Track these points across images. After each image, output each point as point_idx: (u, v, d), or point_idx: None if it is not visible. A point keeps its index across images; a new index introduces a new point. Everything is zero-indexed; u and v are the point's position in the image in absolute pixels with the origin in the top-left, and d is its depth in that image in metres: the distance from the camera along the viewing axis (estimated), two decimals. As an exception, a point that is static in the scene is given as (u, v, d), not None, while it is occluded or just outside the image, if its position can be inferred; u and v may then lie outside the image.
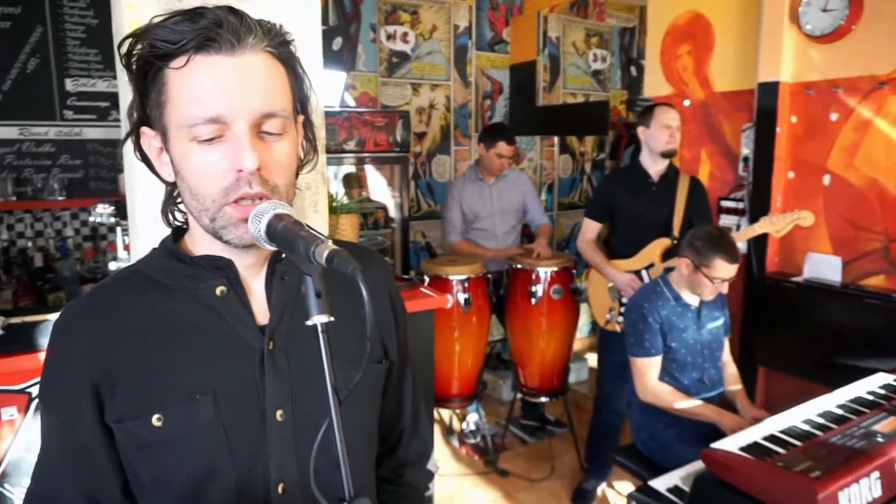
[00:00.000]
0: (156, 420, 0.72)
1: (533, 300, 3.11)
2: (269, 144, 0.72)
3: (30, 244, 3.14)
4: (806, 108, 2.71)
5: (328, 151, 3.22)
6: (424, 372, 2.39)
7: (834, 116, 2.62)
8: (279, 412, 0.76)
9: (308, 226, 0.66)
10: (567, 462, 3.24)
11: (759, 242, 2.80)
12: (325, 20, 3.71)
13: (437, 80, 4.17)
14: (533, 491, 2.99)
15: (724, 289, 2.18)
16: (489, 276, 3.17)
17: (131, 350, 0.74)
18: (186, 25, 0.67)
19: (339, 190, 3.61)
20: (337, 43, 3.80)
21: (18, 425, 1.64)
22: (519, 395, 3.40)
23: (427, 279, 3.05)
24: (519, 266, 3.18)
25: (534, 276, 3.11)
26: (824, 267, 2.67)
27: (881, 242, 2.53)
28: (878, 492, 1.32)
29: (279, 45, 0.74)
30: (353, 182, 3.74)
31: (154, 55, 0.69)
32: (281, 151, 0.73)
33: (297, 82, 0.78)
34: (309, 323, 0.63)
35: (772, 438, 1.59)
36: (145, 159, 0.79)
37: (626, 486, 2.95)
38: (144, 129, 0.76)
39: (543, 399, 3.31)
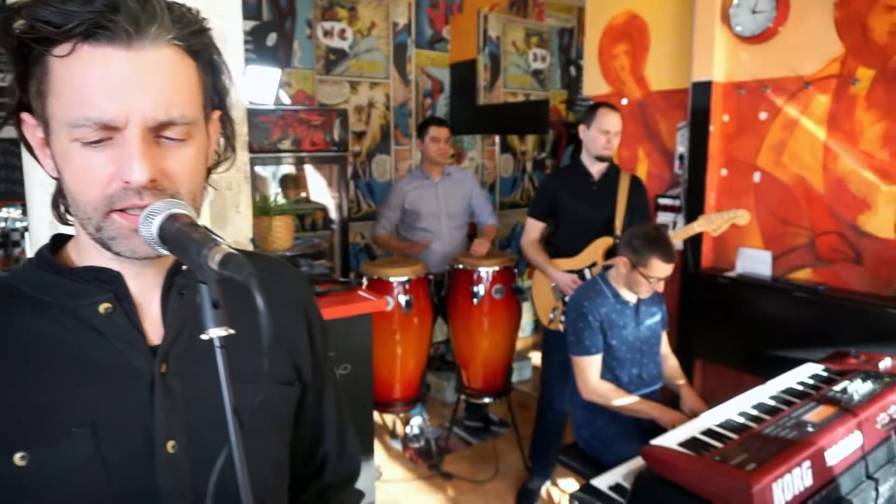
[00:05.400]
0: (19, 459, 0.61)
1: (475, 300, 3.08)
2: (169, 150, 0.64)
3: (-68, 251, 2.88)
4: (737, 108, 2.78)
5: (261, 151, 3.11)
6: (364, 377, 2.31)
7: (763, 115, 2.69)
8: (171, 443, 0.67)
9: (207, 228, 0.58)
10: (511, 462, 3.22)
11: (695, 238, 2.85)
12: (258, 15, 3.59)
13: (377, 79, 4.10)
14: (478, 493, 2.96)
15: (660, 287, 2.21)
16: (431, 277, 3.12)
17: None
18: (76, 6, 0.57)
19: (277, 191, 3.49)
20: (271, 39, 3.67)
21: None
22: (462, 397, 3.37)
23: (366, 281, 2.98)
24: (460, 266, 3.14)
25: (475, 277, 3.08)
26: (755, 262, 2.75)
27: (807, 237, 2.62)
28: (809, 481, 1.35)
29: (190, 35, 0.64)
30: (291, 183, 3.62)
31: (33, 38, 0.59)
32: (182, 159, 0.64)
33: (212, 75, 0.69)
34: (204, 337, 0.55)
35: (709, 433, 1.61)
36: (29, 148, 0.69)
37: (570, 484, 2.96)
38: (25, 116, 0.66)
39: (487, 400, 3.29)
